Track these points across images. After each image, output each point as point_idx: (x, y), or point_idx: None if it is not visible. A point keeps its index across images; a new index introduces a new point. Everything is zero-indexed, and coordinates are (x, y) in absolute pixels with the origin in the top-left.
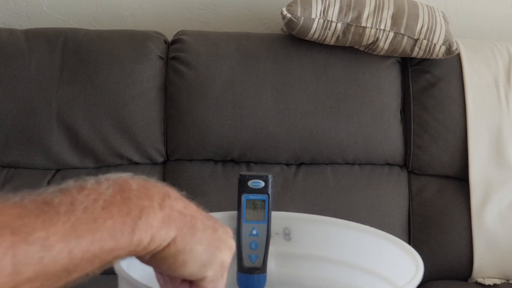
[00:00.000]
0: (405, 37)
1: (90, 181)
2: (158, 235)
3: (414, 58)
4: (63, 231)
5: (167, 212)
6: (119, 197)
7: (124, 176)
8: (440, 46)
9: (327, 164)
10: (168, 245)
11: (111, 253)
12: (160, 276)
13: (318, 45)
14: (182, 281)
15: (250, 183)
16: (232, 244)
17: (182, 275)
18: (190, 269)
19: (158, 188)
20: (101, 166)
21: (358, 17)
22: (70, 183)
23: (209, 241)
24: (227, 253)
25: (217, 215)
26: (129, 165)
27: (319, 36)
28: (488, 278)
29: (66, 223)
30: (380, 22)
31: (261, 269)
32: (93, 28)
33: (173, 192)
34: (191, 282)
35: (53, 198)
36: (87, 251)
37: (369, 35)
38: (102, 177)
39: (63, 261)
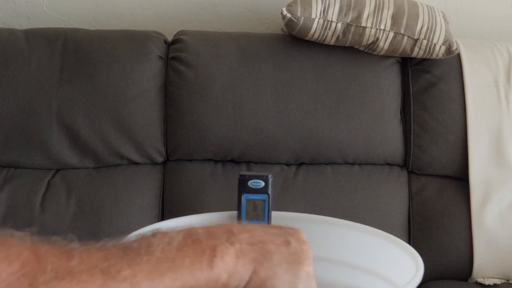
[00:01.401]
0: (405, 37)
1: (159, 232)
2: (235, 270)
3: (414, 58)
4: (147, 269)
5: (237, 247)
6: (189, 240)
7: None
8: (440, 46)
9: (327, 164)
10: (251, 278)
11: None
12: None
13: (318, 45)
14: None
15: (250, 183)
16: (308, 248)
17: None
18: None
19: (222, 228)
20: (101, 166)
21: (358, 17)
22: (143, 233)
23: (287, 259)
24: (307, 262)
25: (217, 215)
26: (129, 165)
27: (319, 36)
28: (488, 278)
29: (148, 262)
30: (380, 22)
31: None
32: (93, 28)
33: (235, 227)
34: None
35: (132, 243)
36: None
37: (369, 35)
38: (168, 229)
39: None
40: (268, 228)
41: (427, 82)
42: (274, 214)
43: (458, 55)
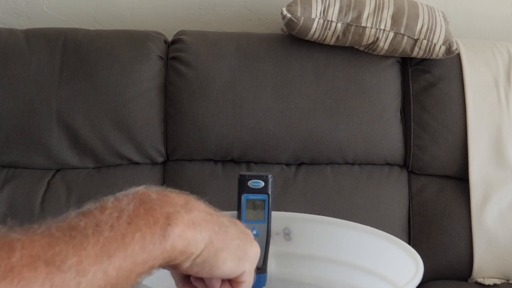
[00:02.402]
0: (405, 37)
1: (110, 200)
2: (192, 238)
3: (414, 58)
4: (94, 253)
5: (195, 214)
6: (142, 209)
7: (141, 188)
8: (440, 46)
9: (327, 164)
10: (206, 246)
11: (145, 264)
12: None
13: (318, 45)
14: (222, 283)
15: (250, 183)
16: (252, 234)
17: (223, 274)
18: (231, 264)
19: (178, 194)
20: (101, 166)
21: (358, 17)
22: (90, 205)
23: (238, 236)
24: (255, 244)
25: None
26: (129, 165)
27: (319, 36)
28: (488, 278)
29: (95, 244)
30: (380, 22)
31: (262, 269)
32: (93, 28)
33: (191, 197)
34: (230, 281)
35: (78, 222)
36: (121, 268)
37: (369, 35)
38: (120, 194)
39: (99, 283)
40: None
41: (427, 82)
42: (274, 214)
43: (458, 55)
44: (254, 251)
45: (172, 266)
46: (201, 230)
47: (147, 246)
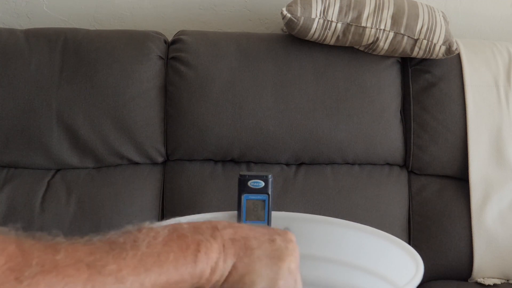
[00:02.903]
0: (405, 37)
1: (146, 223)
2: (217, 265)
3: (414, 58)
4: (133, 264)
5: (220, 242)
6: (175, 235)
7: (173, 222)
8: (440, 46)
9: (327, 164)
10: (230, 272)
11: (176, 285)
12: None
13: (318, 45)
14: None
15: (250, 183)
16: (294, 247)
17: None
18: (260, 286)
19: (206, 223)
20: (101, 166)
21: (358, 17)
22: (129, 227)
23: (268, 255)
24: (290, 259)
25: (217, 215)
26: (129, 165)
27: (319, 36)
28: (488, 278)
29: (133, 257)
30: (380, 22)
31: None
32: (93, 28)
33: (219, 223)
34: None
35: (118, 238)
36: (155, 284)
37: (369, 35)
38: (154, 223)
39: None
40: (256, 226)
41: (427, 82)
42: (274, 214)
43: (458, 55)
44: (287, 267)
45: None
46: (226, 257)
47: (180, 267)
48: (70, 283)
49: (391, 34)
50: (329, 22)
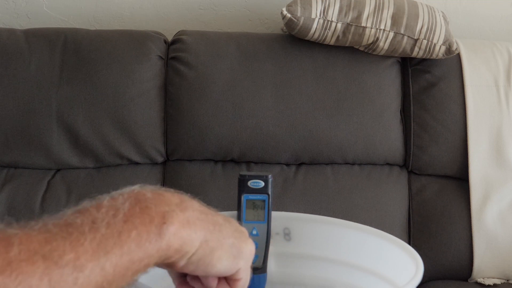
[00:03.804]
0: (405, 37)
1: (105, 198)
2: (187, 237)
3: (414, 58)
4: (91, 249)
5: (190, 213)
6: (137, 208)
7: (136, 187)
8: (440, 46)
9: (327, 164)
10: (201, 244)
11: (141, 262)
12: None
13: (318, 45)
14: (219, 281)
15: (250, 183)
16: (246, 232)
17: (218, 272)
18: (226, 262)
19: (172, 193)
20: (101, 166)
21: (358, 17)
22: (86, 203)
23: (232, 234)
24: (249, 241)
25: None
26: (129, 165)
27: (319, 36)
28: (488, 278)
29: (92, 241)
30: (380, 22)
31: (261, 269)
32: (93, 28)
33: (185, 196)
34: (226, 279)
35: (75, 219)
36: (118, 265)
37: (369, 35)
38: (116, 193)
39: (97, 279)
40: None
41: (427, 82)
42: (274, 214)
43: (458, 55)
44: (249, 249)
45: (167, 265)
46: (196, 229)
47: (143, 244)
48: (24, 281)
49: (391, 34)
50: (329, 22)
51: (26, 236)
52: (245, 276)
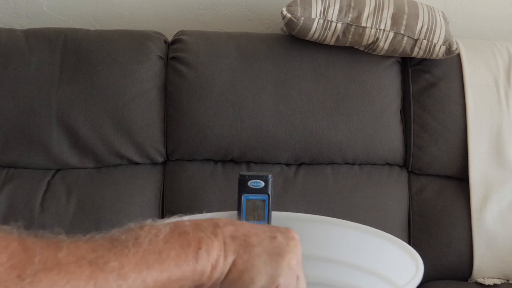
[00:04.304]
0: (405, 37)
1: (148, 221)
2: (218, 262)
3: (414, 58)
4: (135, 261)
5: (221, 239)
6: (176, 232)
7: (175, 219)
8: (440, 46)
9: (327, 164)
10: (230, 270)
11: (178, 282)
12: None
13: (318, 45)
14: None
15: (250, 183)
16: (295, 244)
17: None
18: (260, 283)
19: (208, 221)
20: (101, 166)
21: (358, 17)
22: (131, 224)
23: (268, 251)
24: (290, 255)
25: (217, 215)
26: (129, 165)
27: (319, 36)
28: (488, 278)
29: (135, 254)
30: (380, 22)
31: None
32: (93, 28)
33: (221, 221)
34: None
35: (119, 236)
36: (158, 281)
37: (369, 35)
38: (157, 220)
39: None
40: (257, 225)
41: (427, 82)
42: (274, 214)
43: (458, 55)
44: (287, 264)
45: None
46: (226, 255)
47: (181, 264)
48: (72, 280)
49: (391, 34)
50: (329, 22)
51: (74, 243)
52: None
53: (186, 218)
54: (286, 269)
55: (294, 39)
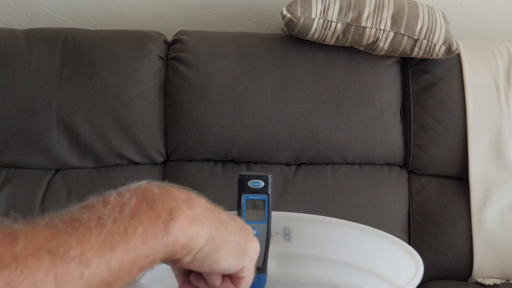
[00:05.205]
0: (405, 37)
1: (112, 194)
2: (194, 233)
3: (414, 58)
4: (97, 244)
5: (196, 210)
6: (144, 204)
7: (143, 183)
8: (440, 46)
9: (327, 164)
10: (207, 241)
11: (147, 258)
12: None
13: (318, 45)
14: (223, 279)
15: (250, 183)
16: (252, 230)
17: (223, 269)
18: (231, 260)
19: (180, 189)
20: (101, 166)
21: (358, 17)
22: (93, 199)
23: (238, 232)
24: (255, 240)
25: None
26: (129, 165)
27: (319, 36)
28: (488, 278)
29: (98, 236)
30: (380, 22)
31: (261, 269)
32: (93, 28)
33: (192, 193)
34: (230, 277)
35: (81, 215)
36: (123, 261)
37: (369, 35)
38: (122, 188)
39: (102, 274)
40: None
41: (427, 82)
42: (274, 214)
43: (458, 55)
44: (254, 247)
45: (173, 261)
46: (202, 226)
47: (149, 240)
48: (30, 276)
49: (391, 34)
50: (329, 22)
51: (32, 232)
52: (249, 274)
53: (156, 184)
54: (253, 253)
55: (294, 39)
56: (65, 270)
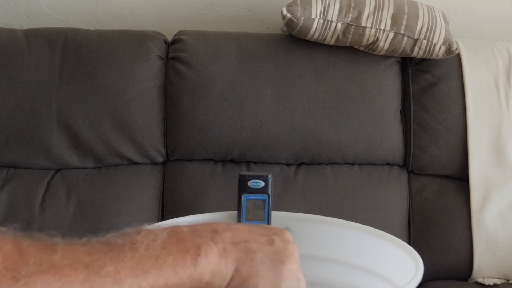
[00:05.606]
0: (405, 37)
1: (145, 226)
2: (218, 269)
3: (414, 58)
4: (131, 266)
5: (221, 246)
6: (174, 238)
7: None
8: (440, 46)
9: (327, 164)
10: (233, 277)
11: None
12: None
13: (318, 45)
14: None
15: (250, 183)
16: (292, 247)
17: None
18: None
19: (206, 226)
20: (101, 166)
21: (358, 17)
22: (128, 229)
23: (269, 258)
24: (290, 260)
25: (217, 215)
26: (129, 165)
27: (319, 36)
28: (488, 278)
29: (132, 259)
30: (380, 22)
31: None
32: (93, 28)
33: (219, 226)
34: None
35: (116, 240)
36: (154, 286)
37: (369, 35)
38: (154, 225)
39: None
40: (253, 227)
41: (427, 82)
42: (274, 214)
43: (458, 55)
44: (289, 269)
45: None
46: (227, 261)
47: (179, 270)
48: (67, 283)
49: (391, 34)
50: (329, 22)
51: (69, 246)
52: None
53: (182, 220)
54: (289, 275)
55: (294, 39)
56: (100, 284)
